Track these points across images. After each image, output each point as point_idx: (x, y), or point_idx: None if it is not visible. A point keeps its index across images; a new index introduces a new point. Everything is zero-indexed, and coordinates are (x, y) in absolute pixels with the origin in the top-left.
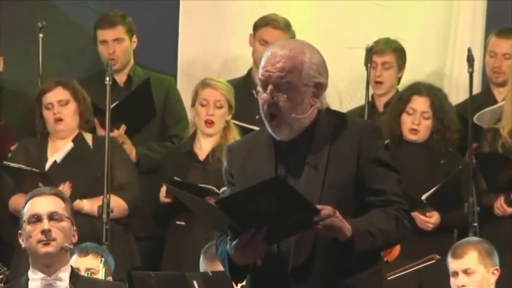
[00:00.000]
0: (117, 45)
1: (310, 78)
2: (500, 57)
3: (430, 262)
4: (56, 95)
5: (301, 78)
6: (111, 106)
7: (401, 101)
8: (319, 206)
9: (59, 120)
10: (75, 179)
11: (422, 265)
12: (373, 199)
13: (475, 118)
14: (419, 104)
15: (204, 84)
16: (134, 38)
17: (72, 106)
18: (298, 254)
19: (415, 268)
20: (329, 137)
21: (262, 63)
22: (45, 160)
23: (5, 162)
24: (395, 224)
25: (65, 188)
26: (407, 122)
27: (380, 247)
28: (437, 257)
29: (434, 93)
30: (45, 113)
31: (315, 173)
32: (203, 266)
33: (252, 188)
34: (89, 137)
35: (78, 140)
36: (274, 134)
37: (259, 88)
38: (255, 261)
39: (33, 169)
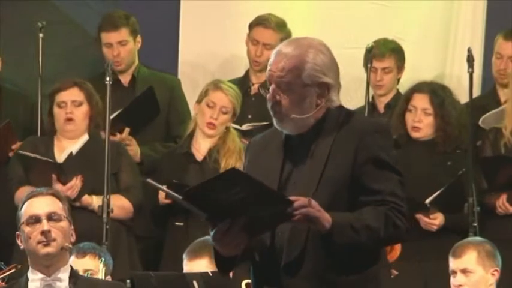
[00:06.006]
0: (122, 48)
1: (312, 78)
2: (507, 59)
3: None
4: (71, 95)
5: (301, 78)
6: (114, 115)
7: (404, 100)
8: (292, 198)
9: (70, 119)
10: (87, 173)
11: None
12: (368, 199)
13: (480, 121)
14: (419, 100)
15: (217, 86)
16: (138, 38)
17: (85, 108)
18: (291, 249)
19: None
20: (334, 133)
21: (269, 61)
22: (52, 159)
23: (20, 151)
24: (383, 223)
25: (77, 181)
26: (409, 119)
27: (364, 243)
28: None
29: (434, 90)
30: (57, 110)
31: (315, 166)
32: (184, 261)
33: (210, 180)
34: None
35: (94, 134)
36: (279, 127)
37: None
38: (254, 256)
39: (49, 159)
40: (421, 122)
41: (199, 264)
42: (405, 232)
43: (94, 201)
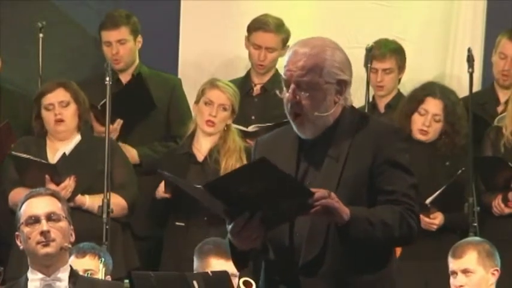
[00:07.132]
0: (121, 46)
1: (332, 76)
2: (510, 60)
3: None
4: (57, 96)
5: (322, 76)
6: (102, 102)
7: (414, 100)
8: (313, 189)
9: (60, 121)
10: (80, 173)
11: None
12: (382, 199)
13: (495, 121)
14: (433, 106)
15: (213, 85)
16: (139, 38)
17: (73, 108)
18: (309, 249)
19: None
20: (350, 134)
21: (285, 62)
22: (45, 159)
23: (13, 152)
24: (398, 221)
25: (70, 181)
26: (417, 122)
27: (379, 239)
28: None
29: (448, 97)
30: (45, 113)
31: (333, 166)
32: (196, 264)
33: (238, 171)
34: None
35: (85, 133)
36: (298, 132)
37: (284, 88)
38: (268, 253)
39: (42, 160)
40: (431, 127)
41: None
42: (417, 233)
43: (88, 200)
